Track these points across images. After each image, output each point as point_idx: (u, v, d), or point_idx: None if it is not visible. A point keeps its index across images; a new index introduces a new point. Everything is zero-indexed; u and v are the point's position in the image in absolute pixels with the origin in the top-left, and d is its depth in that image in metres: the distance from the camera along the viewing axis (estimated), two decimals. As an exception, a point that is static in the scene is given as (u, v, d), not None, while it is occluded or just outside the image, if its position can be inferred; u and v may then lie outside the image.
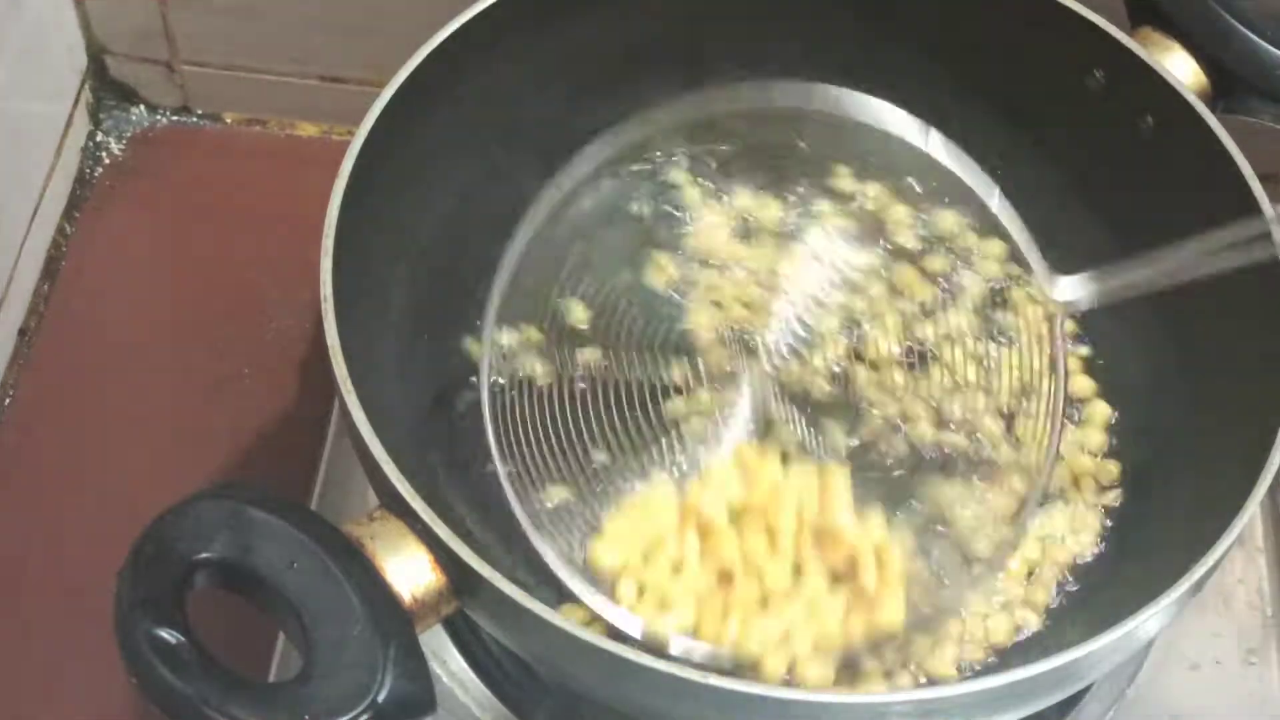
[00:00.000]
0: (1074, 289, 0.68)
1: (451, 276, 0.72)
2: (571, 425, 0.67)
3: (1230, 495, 0.58)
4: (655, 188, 0.74)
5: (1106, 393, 0.71)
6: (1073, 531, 0.67)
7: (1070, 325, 0.72)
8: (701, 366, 0.69)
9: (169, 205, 0.94)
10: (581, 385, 0.69)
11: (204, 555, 0.52)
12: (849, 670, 0.61)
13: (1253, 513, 0.57)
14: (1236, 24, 0.68)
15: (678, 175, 0.74)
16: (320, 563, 0.52)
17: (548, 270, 0.71)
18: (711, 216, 0.74)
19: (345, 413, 0.57)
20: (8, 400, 0.87)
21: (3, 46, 0.85)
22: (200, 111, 0.97)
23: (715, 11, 0.73)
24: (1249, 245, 0.63)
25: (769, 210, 0.73)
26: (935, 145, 0.70)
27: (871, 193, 0.73)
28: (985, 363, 0.70)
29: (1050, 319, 0.70)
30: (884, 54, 0.73)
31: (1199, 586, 0.56)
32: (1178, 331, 0.69)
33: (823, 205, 0.73)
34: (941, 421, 0.68)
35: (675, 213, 0.74)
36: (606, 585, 0.61)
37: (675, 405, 0.68)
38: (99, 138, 0.96)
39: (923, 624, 0.63)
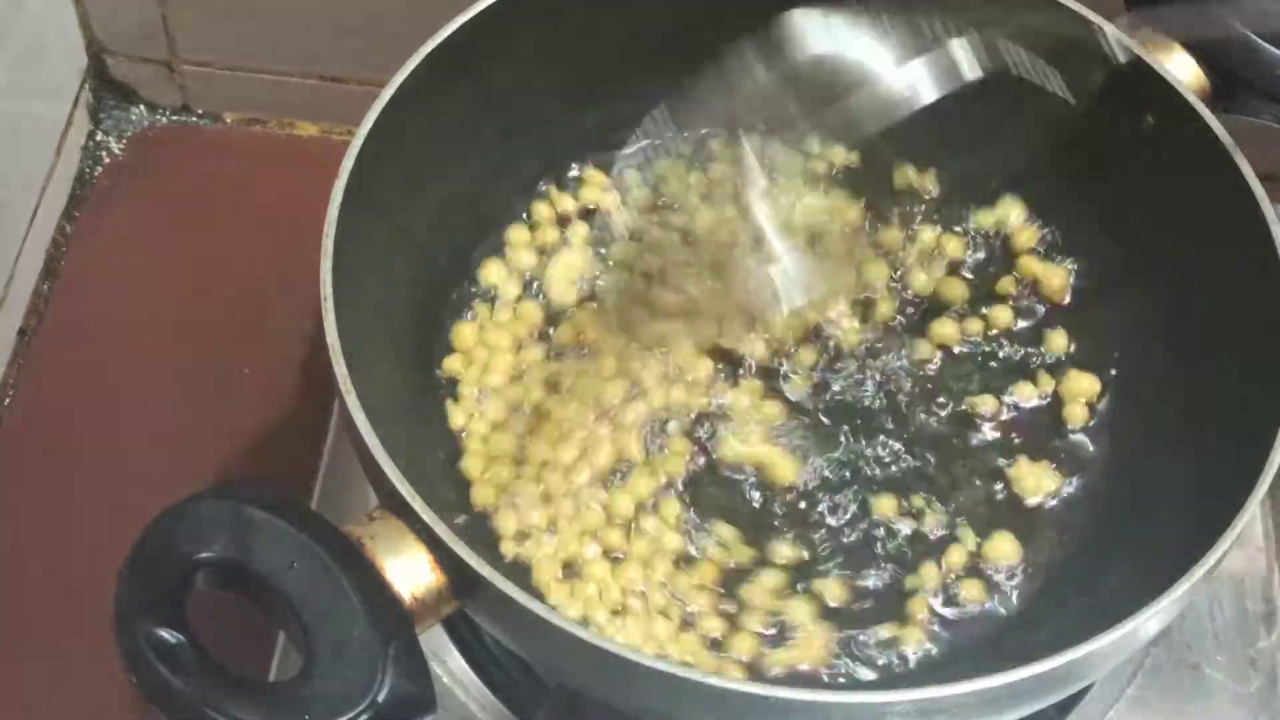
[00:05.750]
0: None
1: (452, 276, 0.72)
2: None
3: (1230, 495, 0.58)
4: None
5: (1106, 393, 0.71)
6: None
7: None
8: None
9: (169, 205, 0.94)
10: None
11: (204, 555, 0.52)
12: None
13: (1253, 513, 0.57)
14: (1236, 24, 0.68)
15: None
16: (320, 563, 0.52)
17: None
18: None
19: (345, 413, 0.57)
20: (8, 400, 0.87)
21: (3, 46, 0.85)
22: (200, 111, 0.97)
23: (718, 12, 0.73)
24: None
25: None
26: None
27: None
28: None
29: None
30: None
31: (1199, 587, 0.56)
32: (1177, 331, 0.69)
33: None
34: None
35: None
36: None
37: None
38: (99, 138, 0.96)
39: None
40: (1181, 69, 0.68)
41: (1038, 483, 0.69)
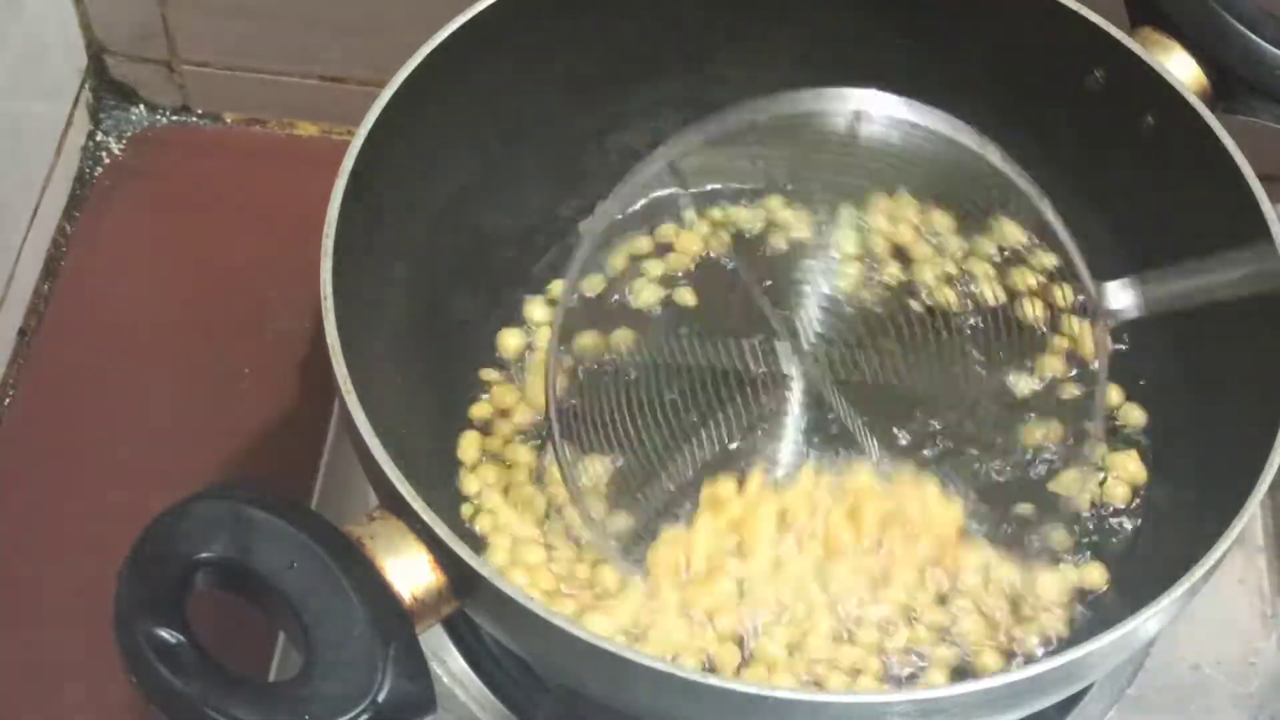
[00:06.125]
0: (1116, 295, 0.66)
1: (451, 275, 0.72)
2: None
3: (1230, 495, 0.58)
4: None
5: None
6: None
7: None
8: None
9: (169, 205, 0.94)
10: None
11: (204, 555, 0.52)
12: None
13: (1253, 513, 0.57)
14: (1236, 24, 0.68)
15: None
16: (320, 563, 0.52)
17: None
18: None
19: (345, 413, 0.57)
20: (8, 400, 0.87)
21: (3, 46, 0.85)
22: (200, 111, 0.97)
23: (721, 12, 0.73)
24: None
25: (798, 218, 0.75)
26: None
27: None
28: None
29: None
30: (879, 54, 0.73)
31: (1199, 587, 0.56)
32: (1178, 332, 0.69)
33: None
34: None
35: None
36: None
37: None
38: (99, 138, 0.96)
39: None
40: (1181, 69, 0.68)
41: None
